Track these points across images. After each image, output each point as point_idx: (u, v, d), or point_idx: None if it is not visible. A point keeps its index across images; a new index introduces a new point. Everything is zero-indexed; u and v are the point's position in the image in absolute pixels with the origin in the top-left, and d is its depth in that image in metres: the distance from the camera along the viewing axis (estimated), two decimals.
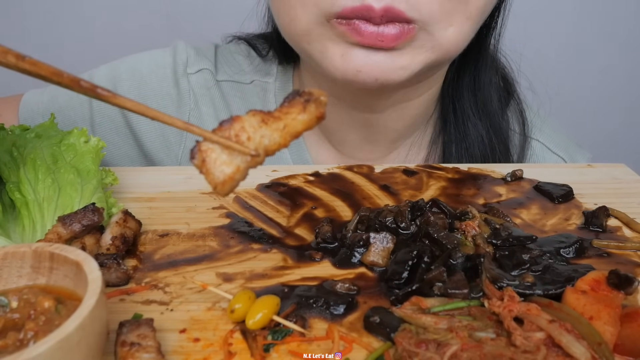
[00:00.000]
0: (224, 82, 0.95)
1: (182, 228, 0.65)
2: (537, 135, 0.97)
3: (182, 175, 0.77)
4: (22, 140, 0.67)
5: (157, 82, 0.94)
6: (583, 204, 0.72)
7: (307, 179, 0.77)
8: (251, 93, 0.95)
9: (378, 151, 0.93)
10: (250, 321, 0.47)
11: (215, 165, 0.43)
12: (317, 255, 0.60)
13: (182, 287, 0.55)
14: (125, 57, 0.98)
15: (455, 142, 0.92)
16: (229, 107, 0.95)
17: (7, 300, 0.43)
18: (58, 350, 0.37)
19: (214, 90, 0.94)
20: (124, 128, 0.95)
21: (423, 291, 0.52)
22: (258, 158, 0.44)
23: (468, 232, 0.61)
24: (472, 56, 0.89)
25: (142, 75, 0.94)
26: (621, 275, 0.51)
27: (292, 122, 0.44)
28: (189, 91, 0.93)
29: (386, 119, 0.88)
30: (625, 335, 0.46)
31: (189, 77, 0.94)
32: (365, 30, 0.69)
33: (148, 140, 0.94)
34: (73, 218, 0.57)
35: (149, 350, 0.43)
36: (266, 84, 0.95)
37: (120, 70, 0.95)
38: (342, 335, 0.48)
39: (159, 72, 0.94)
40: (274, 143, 0.44)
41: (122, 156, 0.97)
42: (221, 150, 0.43)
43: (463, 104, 0.92)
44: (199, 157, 0.43)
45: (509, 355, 0.43)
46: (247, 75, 0.96)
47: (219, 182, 0.43)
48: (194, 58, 0.95)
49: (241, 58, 0.98)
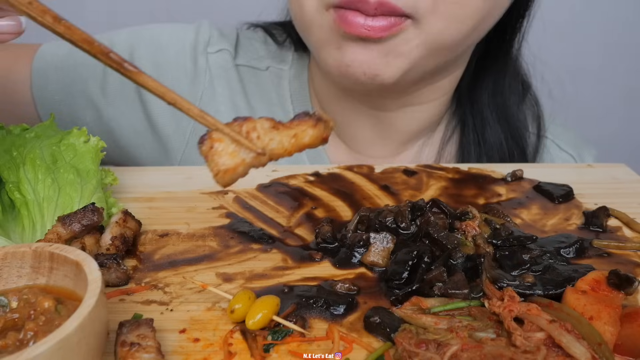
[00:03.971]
0: (242, 67, 0.95)
1: (182, 228, 0.65)
2: (547, 133, 0.97)
3: (182, 175, 0.77)
4: (22, 140, 0.67)
5: (174, 54, 0.93)
6: (583, 204, 0.72)
7: (307, 179, 0.76)
8: (266, 80, 0.95)
9: (389, 149, 0.93)
10: (250, 321, 0.47)
11: (221, 155, 0.45)
12: (317, 255, 0.60)
13: (182, 287, 0.55)
14: (148, 24, 0.97)
15: (473, 144, 0.92)
16: (244, 91, 0.94)
17: (7, 300, 0.43)
18: (58, 350, 0.37)
19: (232, 72, 0.94)
20: (135, 95, 0.92)
21: (423, 291, 0.52)
22: (263, 157, 0.45)
23: (468, 232, 0.61)
24: (493, 60, 0.89)
25: (160, 44, 0.93)
26: (621, 275, 0.51)
27: (301, 133, 0.47)
28: (205, 70, 0.93)
29: (396, 119, 0.89)
30: (625, 335, 0.46)
31: (208, 56, 0.93)
32: (352, 20, 0.70)
33: (157, 111, 0.92)
34: (73, 218, 0.57)
35: (149, 350, 0.43)
36: (281, 71, 0.95)
37: (140, 36, 0.94)
38: (342, 335, 0.48)
39: (178, 44, 0.94)
40: (281, 147, 0.46)
41: (127, 127, 0.94)
42: (230, 142, 0.45)
43: (482, 108, 0.92)
44: (208, 144, 0.45)
45: (509, 355, 0.43)
46: (263, 62, 0.96)
47: (221, 170, 0.44)
48: (217, 38, 0.95)
49: (258, 44, 0.98)
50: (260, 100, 0.94)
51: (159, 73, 0.92)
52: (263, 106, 0.94)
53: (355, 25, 0.70)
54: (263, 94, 0.94)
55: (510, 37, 0.89)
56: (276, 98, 0.94)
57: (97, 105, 0.93)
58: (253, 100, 0.94)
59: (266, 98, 0.94)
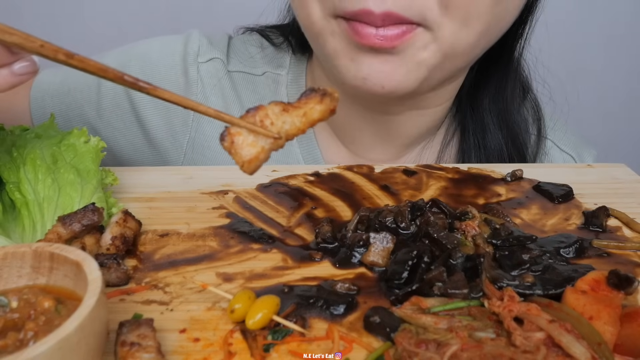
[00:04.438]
0: (235, 73, 0.94)
1: (182, 228, 0.65)
2: (548, 134, 0.97)
3: (182, 175, 0.77)
4: (22, 140, 0.67)
5: (165, 69, 0.93)
6: (583, 204, 0.72)
7: (307, 179, 0.77)
8: (262, 85, 0.94)
9: (389, 153, 0.93)
10: (250, 321, 0.47)
11: (242, 147, 0.49)
12: (317, 255, 0.60)
13: (182, 287, 0.55)
14: (137, 42, 0.97)
15: (474, 149, 0.92)
16: (239, 99, 0.93)
17: (7, 300, 0.43)
18: (58, 350, 0.37)
19: (225, 80, 0.93)
20: (130, 114, 0.93)
21: (423, 291, 0.52)
22: (280, 141, 0.49)
23: (468, 232, 0.61)
24: (494, 65, 0.88)
25: (151, 61, 0.93)
26: (621, 275, 0.51)
27: (310, 110, 0.50)
28: (197, 80, 0.92)
29: (399, 123, 0.88)
30: (625, 335, 0.46)
31: (199, 66, 0.93)
32: (362, 31, 0.69)
33: (153, 127, 0.93)
34: (73, 218, 0.57)
35: (149, 350, 0.43)
36: (278, 76, 0.94)
37: (130, 55, 0.94)
38: (342, 335, 0.48)
39: (167, 59, 0.93)
40: (294, 128, 0.50)
41: (126, 144, 0.95)
42: (247, 134, 0.49)
43: (483, 113, 0.91)
44: (228, 140, 0.49)
45: (509, 355, 0.43)
46: (258, 67, 0.95)
47: (246, 161, 0.49)
48: (206, 47, 0.94)
49: (253, 49, 0.97)
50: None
51: None
52: None
53: (367, 36, 0.69)
54: (259, 99, 0.93)
55: (512, 43, 0.88)
56: None
57: (95, 127, 0.94)
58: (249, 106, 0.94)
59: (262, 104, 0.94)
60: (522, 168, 0.79)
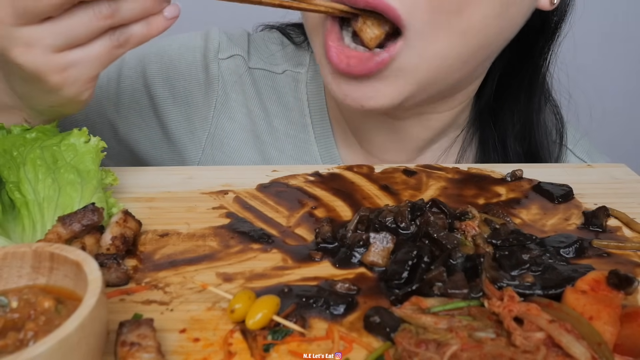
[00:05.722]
0: (256, 70, 0.94)
1: (182, 228, 0.65)
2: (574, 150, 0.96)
3: (182, 175, 0.77)
4: (22, 140, 0.67)
5: (185, 66, 0.93)
6: (583, 204, 0.72)
7: (307, 179, 0.77)
8: (282, 83, 0.94)
9: (404, 155, 0.92)
10: (250, 321, 0.47)
11: None
12: (317, 255, 0.60)
13: (182, 287, 0.55)
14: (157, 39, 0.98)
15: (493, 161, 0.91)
16: (260, 96, 0.93)
17: (7, 300, 0.43)
18: (58, 350, 0.37)
19: (246, 77, 0.93)
20: (149, 109, 0.93)
21: (423, 291, 0.52)
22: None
23: (468, 232, 0.61)
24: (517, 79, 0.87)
25: (171, 58, 0.93)
26: (621, 275, 0.51)
27: None
28: (218, 77, 0.92)
29: (409, 127, 0.88)
30: (625, 335, 0.46)
31: (219, 63, 0.92)
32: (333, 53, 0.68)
33: (172, 123, 0.93)
34: (73, 218, 0.57)
35: (149, 350, 0.43)
36: (298, 75, 0.94)
37: (149, 54, 0.94)
38: (342, 335, 0.48)
39: (188, 55, 0.93)
40: None
41: (144, 140, 0.95)
42: None
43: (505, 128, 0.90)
44: None
45: (509, 355, 0.43)
46: (279, 65, 0.95)
47: None
48: (227, 44, 0.94)
49: (274, 46, 0.97)
50: (277, 104, 0.94)
51: (172, 87, 0.93)
52: (279, 110, 0.94)
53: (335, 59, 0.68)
54: (279, 97, 0.94)
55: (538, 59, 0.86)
56: (293, 102, 0.94)
57: (113, 122, 0.94)
58: (269, 104, 0.94)
59: (283, 102, 0.94)
60: (522, 168, 0.79)
